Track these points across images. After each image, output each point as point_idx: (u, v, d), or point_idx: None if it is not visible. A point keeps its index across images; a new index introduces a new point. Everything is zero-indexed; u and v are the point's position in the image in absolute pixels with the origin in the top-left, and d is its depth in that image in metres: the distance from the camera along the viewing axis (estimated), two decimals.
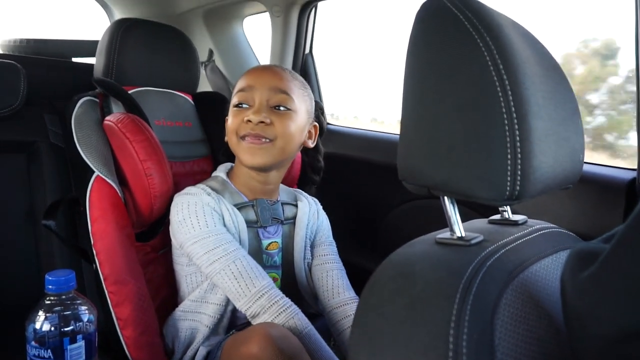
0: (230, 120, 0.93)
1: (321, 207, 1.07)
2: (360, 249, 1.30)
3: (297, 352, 0.75)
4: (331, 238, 1.05)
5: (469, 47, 0.45)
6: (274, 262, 0.97)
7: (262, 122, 0.89)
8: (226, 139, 0.99)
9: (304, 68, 1.46)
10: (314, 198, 1.07)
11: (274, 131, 0.90)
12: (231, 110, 0.94)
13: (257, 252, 0.94)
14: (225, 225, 0.89)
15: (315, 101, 1.02)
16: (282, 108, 0.91)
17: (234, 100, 0.94)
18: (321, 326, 0.98)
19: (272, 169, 0.95)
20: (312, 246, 1.03)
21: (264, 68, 0.97)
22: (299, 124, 0.94)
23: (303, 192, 1.07)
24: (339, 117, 1.57)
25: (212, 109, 1.19)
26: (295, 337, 0.77)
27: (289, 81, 0.94)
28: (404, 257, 0.48)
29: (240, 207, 0.93)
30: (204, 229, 0.86)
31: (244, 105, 0.92)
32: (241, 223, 0.91)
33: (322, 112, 1.04)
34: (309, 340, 0.81)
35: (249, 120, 0.89)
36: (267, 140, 0.90)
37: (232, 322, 0.92)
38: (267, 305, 0.82)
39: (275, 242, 0.97)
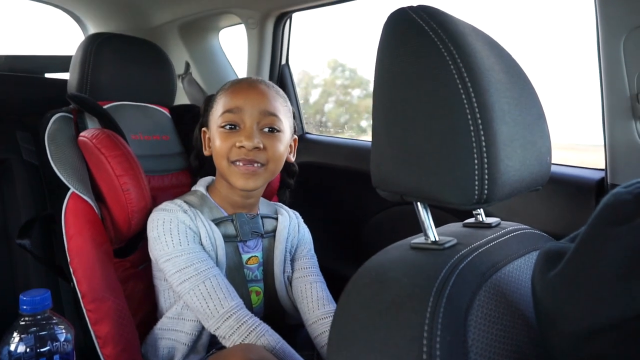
0: (219, 144, 0.90)
1: (302, 220, 1.06)
2: (341, 257, 1.30)
3: None
4: (312, 252, 1.04)
5: (434, 57, 0.47)
6: (255, 276, 0.97)
7: (256, 147, 0.88)
8: (207, 152, 0.98)
9: (281, 79, 1.47)
10: (294, 211, 1.07)
11: (266, 155, 0.90)
12: (217, 131, 0.91)
13: (238, 267, 0.94)
14: (201, 242, 0.89)
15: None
16: (271, 130, 0.91)
17: (220, 120, 0.91)
18: (305, 337, 0.98)
19: None
20: (293, 260, 1.02)
21: (250, 87, 0.93)
22: (285, 143, 0.94)
23: (284, 205, 1.08)
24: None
25: (189, 121, 1.18)
26: (275, 358, 0.76)
27: (276, 100, 0.93)
28: (378, 263, 0.49)
29: (219, 222, 0.92)
30: (177, 247, 0.85)
31: (232, 127, 0.90)
32: (218, 239, 0.90)
33: (295, 117, 1.03)
34: (283, 355, 0.80)
35: (242, 147, 0.88)
36: (260, 165, 0.90)
37: (212, 339, 0.91)
38: (236, 326, 0.81)
39: (255, 256, 0.97)
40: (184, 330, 0.88)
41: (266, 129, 0.91)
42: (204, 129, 0.99)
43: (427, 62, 0.47)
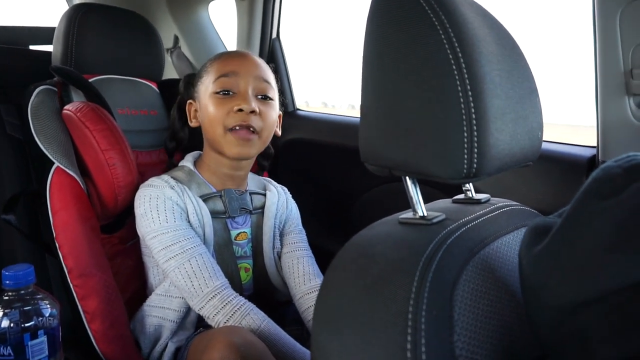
0: (214, 111, 0.88)
1: (290, 196, 1.06)
2: (332, 234, 1.30)
3: (262, 358, 0.73)
4: (300, 226, 1.04)
5: (425, 27, 0.45)
6: (244, 252, 0.96)
7: (253, 111, 0.87)
8: (193, 123, 0.97)
9: (272, 54, 1.44)
10: (283, 187, 1.06)
11: (261, 122, 0.89)
12: (211, 97, 0.89)
13: (227, 243, 0.93)
14: (188, 219, 0.88)
15: None
16: (265, 97, 0.91)
17: (214, 87, 0.89)
18: (294, 313, 0.99)
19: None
20: (282, 235, 1.02)
21: (244, 55, 0.94)
22: (276, 112, 0.95)
23: (272, 181, 1.06)
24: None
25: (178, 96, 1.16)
26: (260, 341, 0.75)
27: (268, 70, 0.94)
28: (365, 238, 0.48)
29: (207, 197, 0.91)
30: (164, 224, 0.84)
31: (228, 93, 0.89)
32: (206, 216, 0.89)
33: (285, 93, 1.04)
34: (268, 333, 0.80)
35: (240, 110, 0.86)
36: (254, 131, 0.88)
37: (200, 316, 0.90)
38: (220, 306, 0.81)
39: (244, 232, 0.96)
40: (171, 307, 0.88)
41: (260, 96, 0.91)
42: (190, 101, 0.98)
43: (418, 32, 0.45)
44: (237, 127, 0.87)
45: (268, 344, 0.78)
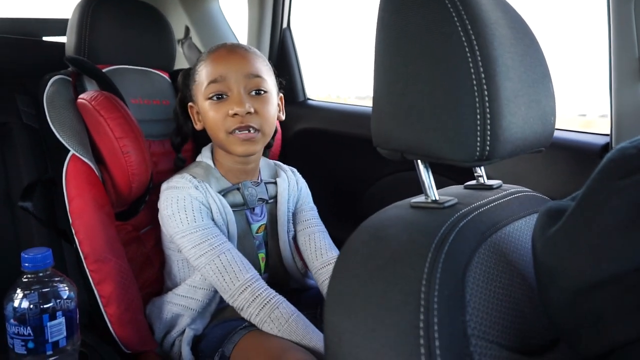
0: (212, 115, 0.90)
1: (300, 176, 1.08)
2: (343, 224, 1.30)
3: None
4: (312, 204, 1.07)
5: (438, 10, 0.45)
6: (261, 241, 0.99)
7: (248, 112, 0.88)
8: (198, 126, 0.96)
9: (282, 43, 1.45)
10: (291, 168, 1.08)
11: (259, 119, 0.90)
12: (206, 103, 0.90)
13: (247, 235, 0.95)
14: (213, 217, 0.90)
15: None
16: (259, 92, 0.91)
17: (207, 91, 0.90)
18: (308, 298, 1.00)
19: None
20: (294, 214, 1.05)
21: (230, 52, 0.92)
22: (274, 102, 0.94)
23: (282, 164, 1.08)
24: None
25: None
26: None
27: (257, 61, 0.93)
28: (378, 221, 0.49)
29: (226, 192, 0.94)
30: (192, 224, 0.87)
31: (220, 96, 0.89)
32: (229, 213, 0.92)
33: (296, 82, 1.02)
34: (296, 326, 0.82)
35: (236, 114, 0.87)
36: (255, 130, 0.89)
37: (219, 306, 0.95)
38: (251, 299, 0.84)
39: (263, 224, 0.99)
40: (194, 297, 0.91)
41: (254, 92, 0.90)
42: (190, 104, 0.97)
43: (430, 15, 0.45)
44: (237, 130, 0.88)
45: (298, 336, 0.80)
